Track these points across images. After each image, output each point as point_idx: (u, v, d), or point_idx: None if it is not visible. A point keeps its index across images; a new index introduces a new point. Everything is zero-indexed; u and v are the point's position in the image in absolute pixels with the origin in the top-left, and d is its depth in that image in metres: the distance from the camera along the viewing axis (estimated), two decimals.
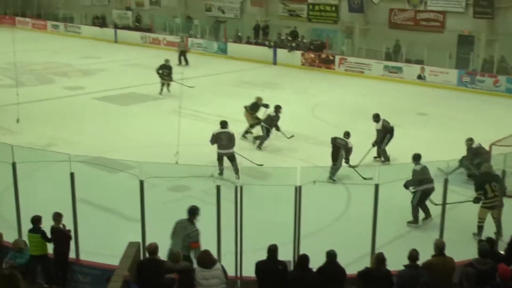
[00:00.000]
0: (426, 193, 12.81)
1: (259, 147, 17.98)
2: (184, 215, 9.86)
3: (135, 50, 38.07)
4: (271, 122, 18.08)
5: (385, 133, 16.86)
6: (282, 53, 33.19)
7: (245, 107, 19.26)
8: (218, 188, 9.55)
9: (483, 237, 10.92)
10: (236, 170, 14.65)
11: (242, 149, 16.59)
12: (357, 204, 13.30)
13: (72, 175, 9.91)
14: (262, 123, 18.32)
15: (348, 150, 15.36)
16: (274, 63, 33.42)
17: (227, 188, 9.69)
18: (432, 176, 12.62)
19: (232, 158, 15.34)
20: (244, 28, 37.18)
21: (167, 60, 25.40)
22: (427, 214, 12.93)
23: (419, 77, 28.30)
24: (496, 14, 28.33)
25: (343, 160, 15.32)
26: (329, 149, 16.32)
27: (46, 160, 12.08)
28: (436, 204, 12.05)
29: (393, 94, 25.80)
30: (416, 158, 13.21)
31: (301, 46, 33.08)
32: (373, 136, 17.03)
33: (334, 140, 15.64)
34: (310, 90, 26.23)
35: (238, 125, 20.08)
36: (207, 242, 9.60)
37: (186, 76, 23.20)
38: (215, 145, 15.45)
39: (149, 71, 30.30)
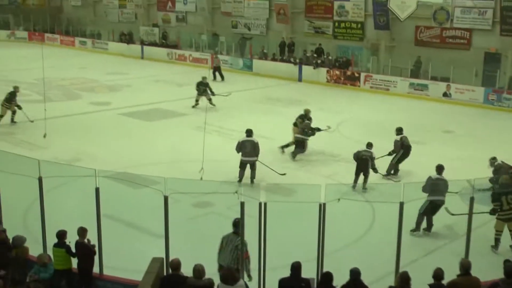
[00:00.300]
0: (434, 205, 12.95)
1: (293, 158, 18.37)
2: (208, 231, 9.89)
3: (161, 66, 38.38)
4: (307, 131, 18.50)
5: (400, 147, 17.01)
6: (307, 70, 33.23)
7: (294, 124, 19.38)
8: (242, 204, 9.54)
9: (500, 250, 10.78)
10: (253, 178, 15.75)
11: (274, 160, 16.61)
12: (382, 221, 13.20)
13: (97, 190, 9.97)
14: (297, 135, 18.65)
15: (373, 160, 15.86)
16: (300, 80, 33.46)
17: (251, 205, 9.67)
18: (459, 191, 12.55)
19: (253, 166, 16.01)
20: (270, 45, 37.32)
21: (204, 78, 25.79)
22: (429, 227, 13.09)
23: (445, 94, 28.13)
24: None
25: (372, 170, 15.81)
26: (353, 166, 16.31)
27: (72, 175, 12.18)
28: (452, 214, 12.13)
29: (418, 112, 25.65)
30: (437, 169, 13.37)
31: (327, 63, 33.09)
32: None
33: (358, 154, 15.93)
34: (335, 107, 26.19)
35: (262, 142, 20.13)
36: None
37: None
38: (238, 163, 15.71)
39: (174, 87, 30.58)
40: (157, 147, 19.41)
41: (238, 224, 9.83)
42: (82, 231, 10.01)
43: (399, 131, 17.36)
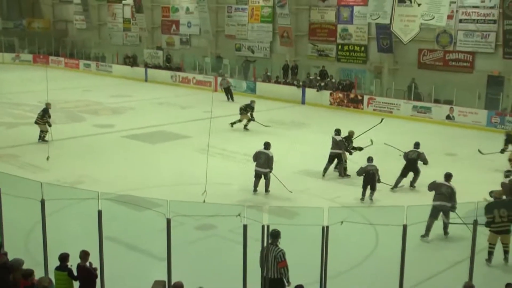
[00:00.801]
0: (435, 209, 13.69)
1: (344, 174, 18.95)
2: (211, 254, 9.84)
3: (165, 89, 38.50)
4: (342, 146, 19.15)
5: (406, 159, 18.01)
6: (310, 92, 33.31)
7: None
8: (245, 227, 9.54)
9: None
10: (266, 188, 17.09)
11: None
12: (385, 244, 13.15)
13: (99, 212, 9.97)
14: (332, 150, 19.19)
15: (378, 172, 16.76)
16: (303, 102, 33.53)
17: (254, 228, 9.65)
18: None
19: (266, 177, 17.13)
20: (273, 68, 37.47)
21: (252, 101, 26.69)
22: (427, 231, 13.71)
23: (448, 117, 28.14)
24: None
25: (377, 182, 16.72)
26: (355, 189, 16.35)
27: (74, 198, 12.18)
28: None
29: (421, 134, 25.53)
30: (445, 176, 14.47)
31: (330, 86, 33.17)
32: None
33: (365, 169, 16.68)
34: None
35: None
36: (232, 282, 9.54)
37: (214, 115, 23.32)
38: (241, 186, 15.65)
39: (178, 109, 30.66)
40: (160, 170, 19.40)
41: (275, 235, 10.01)
42: (84, 254, 9.99)
43: (416, 145, 18.38)
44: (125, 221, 13.86)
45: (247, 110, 26.19)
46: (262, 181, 17.22)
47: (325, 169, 19.01)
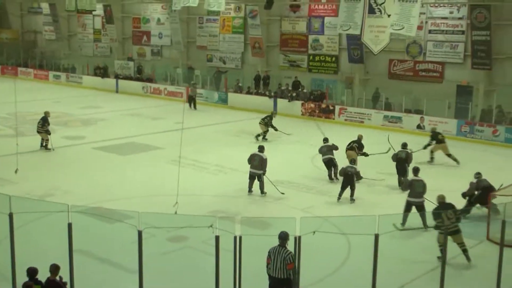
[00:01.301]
0: (409, 204, 15.23)
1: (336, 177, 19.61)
2: (183, 265, 9.76)
3: (136, 100, 38.28)
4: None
5: (395, 159, 19.58)
6: (282, 103, 33.38)
7: (350, 148, 20.67)
8: (217, 238, 9.49)
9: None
10: (261, 189, 17.89)
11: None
12: (358, 253, 13.18)
13: (69, 225, 9.84)
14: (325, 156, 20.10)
15: (358, 174, 17.82)
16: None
17: (226, 239, 9.61)
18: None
19: (260, 179, 17.92)
20: (245, 78, 37.49)
21: (274, 113, 27.78)
22: (404, 222, 14.96)
23: (419, 126, 28.37)
24: (493, 65, 28.64)
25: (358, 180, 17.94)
26: (329, 199, 16.44)
27: (44, 211, 12.01)
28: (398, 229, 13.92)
29: (393, 144, 25.77)
30: (413, 171, 16.27)
31: (301, 96, 33.29)
32: (374, 186, 17.22)
33: (344, 170, 17.66)
34: (310, 140, 26.22)
35: (238, 175, 20.10)
36: None
37: (186, 125, 23.23)
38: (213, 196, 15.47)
39: (149, 121, 30.51)
40: (131, 181, 19.26)
41: (284, 237, 10.16)
42: (54, 268, 9.83)
43: (403, 146, 20.03)
44: (96, 233, 13.70)
45: (267, 121, 26.47)
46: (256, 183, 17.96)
47: (329, 175, 19.96)
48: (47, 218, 12.88)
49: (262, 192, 17.89)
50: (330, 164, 19.93)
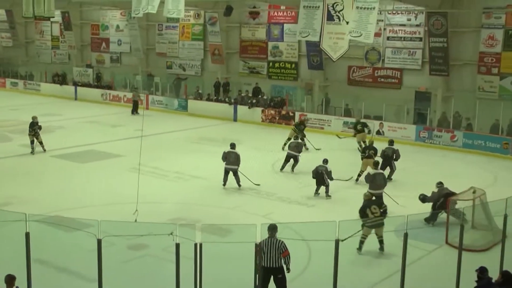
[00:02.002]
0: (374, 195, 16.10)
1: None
2: (144, 274, 9.66)
3: (95, 107, 37.91)
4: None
5: (382, 156, 20.78)
6: (242, 109, 33.40)
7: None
8: (177, 246, 9.43)
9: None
10: (238, 183, 19.35)
11: None
12: (318, 259, 13.21)
13: (27, 235, 9.67)
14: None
15: (329, 173, 18.69)
16: (235, 119, 33.58)
17: (187, 246, 9.55)
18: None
19: (235, 174, 19.39)
20: (205, 85, 37.44)
21: (305, 119, 28.31)
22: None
23: (378, 132, 28.63)
24: (450, 71, 29.12)
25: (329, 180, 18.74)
26: (290, 205, 16.49)
27: (0, 220, 11.77)
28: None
29: (352, 150, 26.00)
30: (375, 164, 18.51)
31: (261, 102, 33.35)
32: (334, 192, 17.33)
33: (316, 169, 18.71)
34: (270, 146, 26.31)
35: (198, 182, 20.06)
36: None
37: (146, 133, 23.07)
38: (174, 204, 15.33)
39: (109, 128, 30.23)
40: (90, 190, 19.03)
41: (273, 228, 10.94)
42: (9, 279, 9.59)
43: (390, 143, 21.45)
44: (54, 243, 13.51)
45: (302, 129, 26.43)
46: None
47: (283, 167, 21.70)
48: (3, 228, 12.65)
49: (239, 185, 19.35)
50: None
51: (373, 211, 14.24)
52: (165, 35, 41.15)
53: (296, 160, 21.83)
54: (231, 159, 19.42)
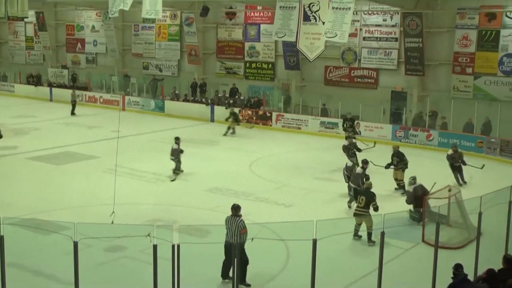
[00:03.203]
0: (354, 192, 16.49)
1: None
2: (121, 275, 9.59)
3: (71, 108, 37.56)
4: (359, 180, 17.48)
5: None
6: (219, 110, 33.34)
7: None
8: (154, 247, 9.38)
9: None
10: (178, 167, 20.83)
11: None
12: (296, 259, 13.24)
13: (1, 238, 9.56)
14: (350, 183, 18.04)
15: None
16: (212, 120, 33.52)
17: (164, 247, 9.51)
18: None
19: (176, 161, 21.05)
20: (182, 86, 37.35)
21: (353, 117, 27.70)
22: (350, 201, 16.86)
23: (355, 132, 28.76)
24: (426, 71, 29.37)
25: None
26: (267, 205, 16.51)
27: None
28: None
29: (329, 149, 26.11)
30: (362, 162, 17.88)
31: (238, 103, 33.33)
32: (312, 191, 17.13)
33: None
34: (247, 147, 26.33)
35: (176, 183, 20.00)
36: None
37: (122, 134, 22.98)
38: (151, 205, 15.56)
39: (85, 129, 30.02)
40: (66, 192, 18.87)
41: (236, 208, 12.12)
42: None
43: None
44: (29, 246, 13.37)
45: (347, 124, 27.12)
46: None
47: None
48: None
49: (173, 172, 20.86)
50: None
51: (360, 201, 14.82)
52: (141, 35, 40.96)
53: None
54: (171, 152, 21.07)
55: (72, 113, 35.24)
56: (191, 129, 30.99)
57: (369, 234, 14.57)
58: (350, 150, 21.46)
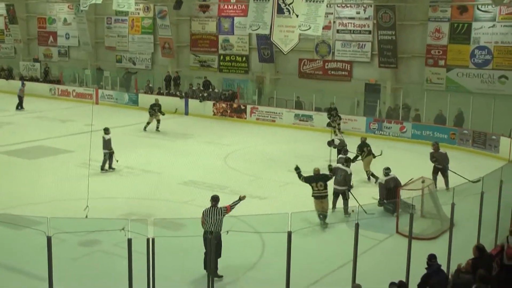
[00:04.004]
0: (334, 192, 16.43)
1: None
2: (96, 270, 9.52)
3: (44, 102, 37.18)
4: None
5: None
6: (193, 103, 33.25)
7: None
8: (129, 241, 9.33)
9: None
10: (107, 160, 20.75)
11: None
12: (271, 251, 13.27)
13: None
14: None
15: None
16: (186, 113, 33.41)
17: (139, 241, 9.46)
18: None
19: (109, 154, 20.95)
20: (156, 79, 37.15)
21: (332, 103, 27.98)
22: (333, 207, 16.42)
23: (329, 125, 28.83)
24: (399, 64, 29.57)
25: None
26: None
27: None
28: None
29: (304, 142, 26.20)
30: (345, 160, 17.54)
31: (213, 96, 33.26)
32: (286, 184, 17.44)
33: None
34: (222, 140, 26.29)
35: (150, 176, 19.93)
36: None
37: (96, 128, 22.80)
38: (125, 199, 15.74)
39: (58, 123, 29.74)
40: (40, 186, 18.68)
41: (215, 199, 12.68)
42: None
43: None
44: (2, 241, 13.23)
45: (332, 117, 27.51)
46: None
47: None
48: None
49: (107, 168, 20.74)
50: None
51: (318, 186, 15.80)
52: (114, 28, 40.66)
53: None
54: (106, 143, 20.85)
55: (19, 107, 34.43)
56: (165, 122, 30.83)
57: (325, 217, 15.62)
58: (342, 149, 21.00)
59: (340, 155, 19.41)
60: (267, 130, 28.88)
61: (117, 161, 20.76)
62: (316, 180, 15.93)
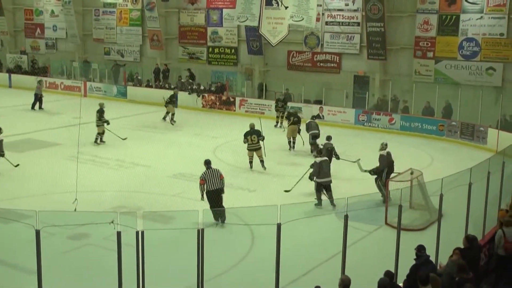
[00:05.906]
0: (322, 184, 16.51)
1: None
2: (85, 263, 9.50)
3: (31, 95, 36.69)
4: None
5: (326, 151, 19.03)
6: (182, 95, 33.16)
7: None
8: (118, 234, 9.30)
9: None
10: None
11: None
12: (261, 243, 13.29)
13: None
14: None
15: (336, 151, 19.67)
16: (175, 106, 33.26)
17: (128, 234, 9.44)
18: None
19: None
20: (144, 72, 37.04)
21: (281, 95, 29.47)
22: (319, 202, 16.42)
23: (318, 116, 28.83)
24: (388, 56, 29.62)
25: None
26: (231, 190, 16.52)
27: None
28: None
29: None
30: (319, 152, 17.78)
31: (202, 88, 33.19)
32: (275, 176, 17.28)
33: (325, 145, 19.29)
34: (211, 132, 26.26)
35: (141, 170, 19.88)
36: None
37: (84, 120, 22.72)
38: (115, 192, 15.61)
39: (46, 116, 29.61)
40: (28, 179, 18.59)
41: (209, 161, 15.55)
42: None
43: (328, 138, 19.84)
44: None
45: (283, 106, 28.49)
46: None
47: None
48: None
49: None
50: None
51: (252, 139, 19.87)
52: (102, 20, 40.45)
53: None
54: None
55: (36, 106, 32.28)
56: (154, 115, 30.72)
57: (262, 162, 19.95)
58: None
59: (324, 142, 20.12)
60: (256, 123, 28.80)
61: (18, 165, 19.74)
62: (251, 134, 20.04)
